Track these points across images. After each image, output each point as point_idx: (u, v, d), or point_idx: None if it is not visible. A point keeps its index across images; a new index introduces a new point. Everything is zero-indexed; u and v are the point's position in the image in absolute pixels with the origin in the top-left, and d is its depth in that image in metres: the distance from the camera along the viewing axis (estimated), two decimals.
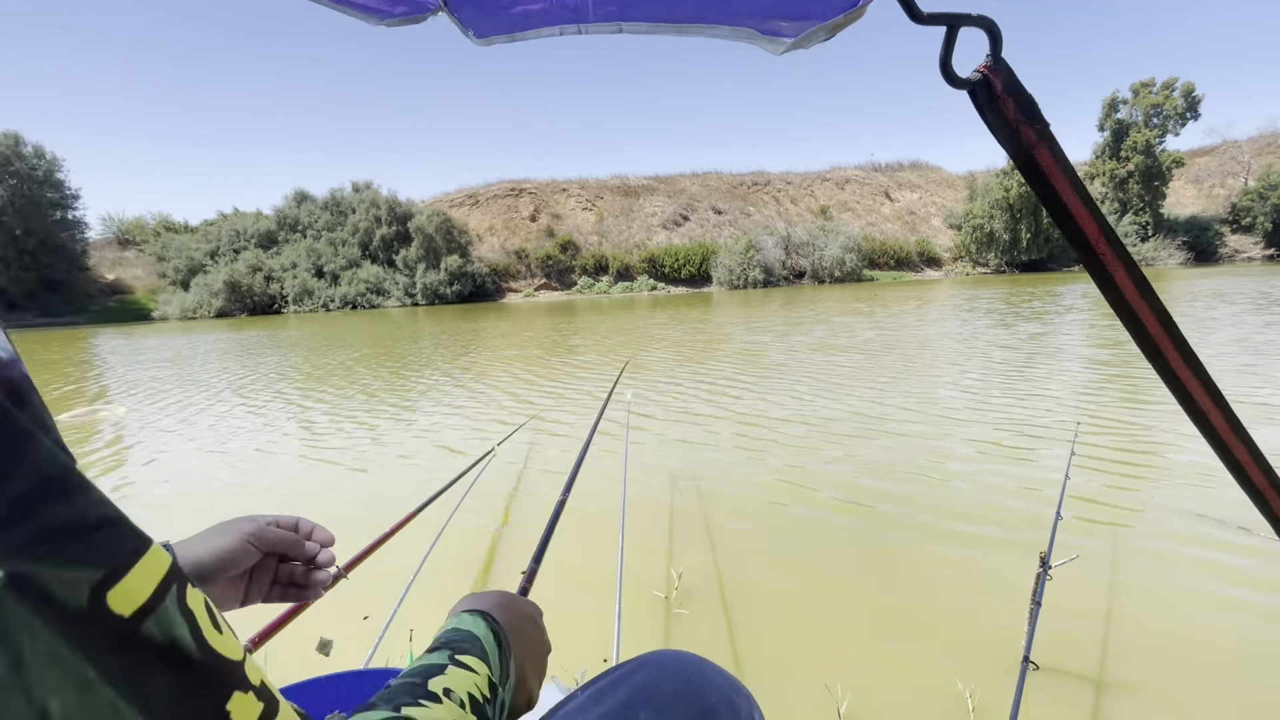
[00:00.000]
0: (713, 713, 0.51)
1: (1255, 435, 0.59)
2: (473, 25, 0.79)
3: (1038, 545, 2.03)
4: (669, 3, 0.71)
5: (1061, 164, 0.55)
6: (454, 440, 4.35)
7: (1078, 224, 0.57)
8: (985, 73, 0.53)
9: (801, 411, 4.59)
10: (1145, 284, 0.59)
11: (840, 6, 0.64)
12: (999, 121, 0.54)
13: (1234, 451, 0.65)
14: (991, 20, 0.53)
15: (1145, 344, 0.61)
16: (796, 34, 0.70)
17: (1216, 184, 46.58)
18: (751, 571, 2.23)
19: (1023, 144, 0.54)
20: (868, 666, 1.67)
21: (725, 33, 0.73)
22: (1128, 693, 1.52)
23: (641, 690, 0.52)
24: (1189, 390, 0.62)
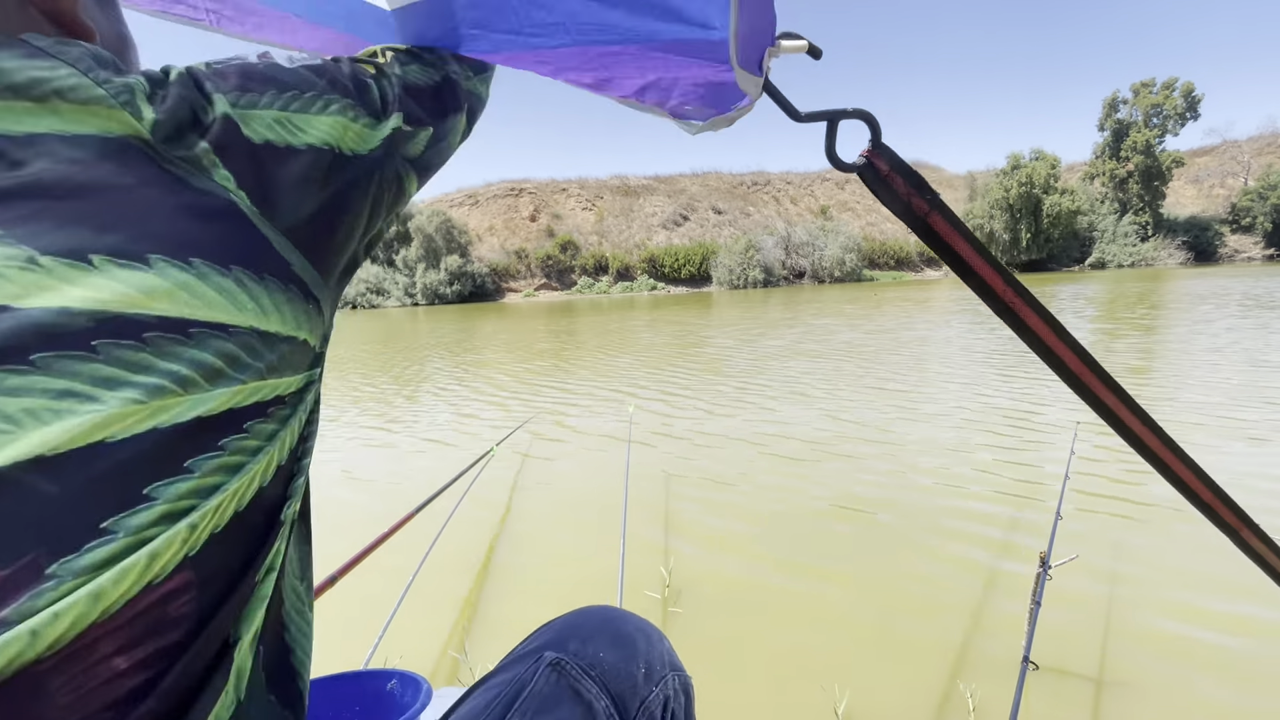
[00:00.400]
0: (629, 637, 0.62)
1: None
2: None
3: (1038, 545, 2.03)
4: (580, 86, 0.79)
5: (955, 225, 0.60)
6: (453, 440, 4.35)
7: (981, 277, 0.62)
8: (869, 158, 0.59)
9: (800, 411, 4.59)
10: (1057, 324, 0.63)
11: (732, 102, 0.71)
12: (890, 196, 0.60)
13: (1175, 469, 0.68)
14: (867, 112, 0.59)
15: (1070, 380, 0.66)
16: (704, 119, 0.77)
17: (1216, 184, 46.60)
18: (748, 571, 2.22)
19: (915, 213, 0.60)
20: (866, 666, 1.67)
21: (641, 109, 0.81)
22: (1128, 693, 1.52)
23: (567, 627, 0.63)
24: (1120, 418, 0.67)
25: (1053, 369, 0.65)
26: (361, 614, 1.96)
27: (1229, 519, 0.70)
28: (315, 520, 0.77)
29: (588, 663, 0.57)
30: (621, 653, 0.60)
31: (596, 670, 0.57)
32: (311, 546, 0.38)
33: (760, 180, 52.77)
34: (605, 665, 0.58)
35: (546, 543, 2.57)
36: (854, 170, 0.60)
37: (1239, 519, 0.70)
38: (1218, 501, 0.69)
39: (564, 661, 0.57)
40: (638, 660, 0.60)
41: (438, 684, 1.62)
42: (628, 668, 0.59)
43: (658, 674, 0.61)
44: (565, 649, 0.59)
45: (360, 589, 1.92)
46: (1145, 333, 8.12)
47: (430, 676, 1.70)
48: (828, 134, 0.59)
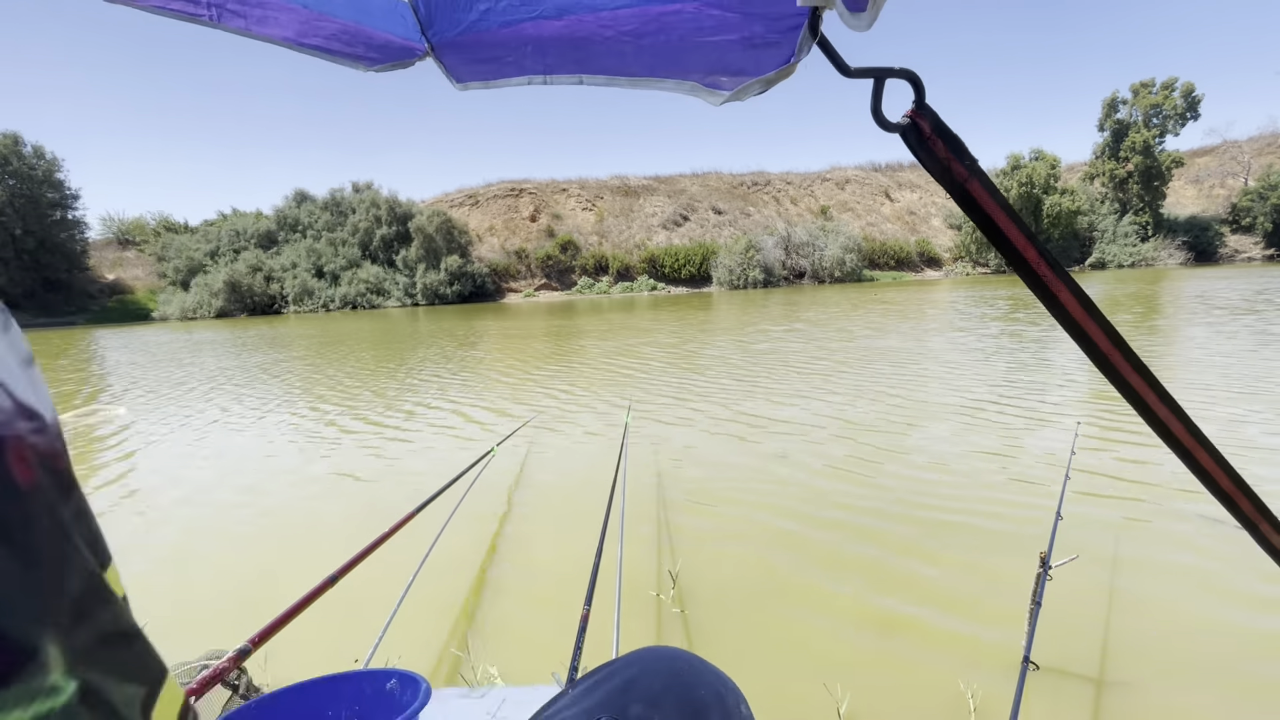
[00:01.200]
0: (703, 706, 0.52)
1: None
2: (454, 71, 0.88)
3: (1038, 545, 2.03)
4: (624, 62, 0.78)
5: (992, 193, 0.60)
6: (452, 440, 4.35)
7: (1016, 248, 0.61)
8: (913, 118, 0.59)
9: (800, 413, 4.59)
10: (1088, 301, 0.62)
11: (773, 64, 0.70)
12: (931, 159, 0.59)
13: (1197, 456, 0.66)
14: (913, 72, 0.58)
15: (1096, 357, 0.64)
16: (734, 87, 0.77)
17: (1216, 184, 46.58)
18: (749, 572, 2.23)
19: (954, 178, 0.59)
20: (868, 666, 1.67)
21: (671, 85, 0.82)
22: (1128, 693, 1.52)
23: (633, 685, 0.53)
24: (1145, 400, 0.64)
25: (1080, 345, 0.63)
26: (361, 614, 1.96)
27: (1247, 510, 0.68)
28: (315, 519, 0.77)
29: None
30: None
31: None
32: None
33: (760, 180, 52.77)
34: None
35: (546, 543, 2.57)
36: (897, 130, 0.59)
37: (1257, 510, 0.69)
38: (1237, 491, 0.68)
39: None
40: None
41: (438, 684, 1.62)
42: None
43: None
44: (626, 714, 0.50)
45: (360, 589, 1.92)
46: (1151, 333, 8.12)
47: (430, 676, 1.70)
48: (874, 92, 0.58)
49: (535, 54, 0.82)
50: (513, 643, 1.87)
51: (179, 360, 11.18)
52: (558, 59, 0.82)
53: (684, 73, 0.79)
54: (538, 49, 0.81)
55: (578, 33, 0.76)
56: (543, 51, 0.81)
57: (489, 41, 0.81)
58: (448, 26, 0.81)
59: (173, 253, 41.44)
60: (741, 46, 0.71)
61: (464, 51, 0.84)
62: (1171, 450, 0.67)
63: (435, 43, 0.83)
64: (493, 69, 0.87)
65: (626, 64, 0.80)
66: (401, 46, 0.83)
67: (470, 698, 1.16)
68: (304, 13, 0.74)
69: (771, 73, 0.71)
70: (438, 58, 0.85)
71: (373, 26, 0.79)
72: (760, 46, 0.70)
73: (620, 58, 0.78)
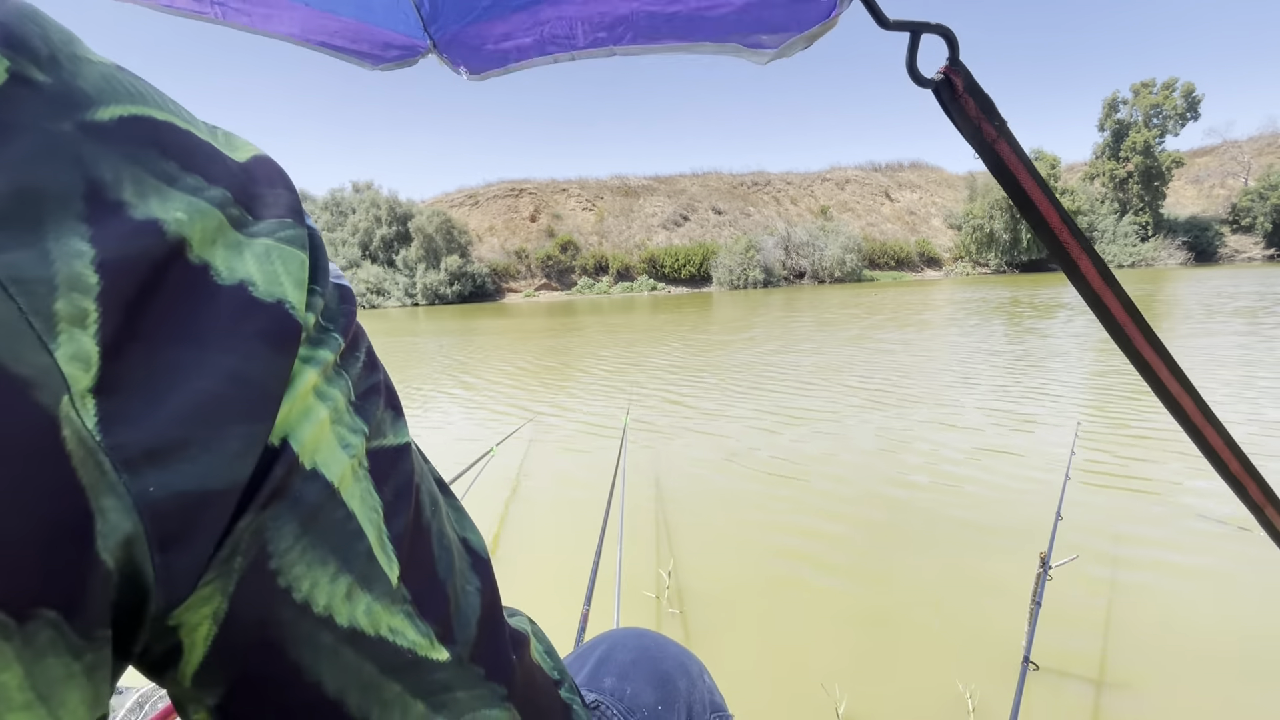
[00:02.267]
0: (668, 675, 0.57)
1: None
2: (464, 63, 0.85)
3: (1038, 545, 2.03)
4: (657, 26, 0.75)
5: (1020, 156, 0.60)
6: (453, 440, 4.35)
7: (1039, 212, 0.61)
8: (947, 74, 0.59)
9: (798, 413, 4.59)
10: (1107, 271, 0.62)
11: (815, 18, 0.69)
12: (962, 118, 0.60)
13: (1206, 435, 0.66)
14: (949, 29, 0.58)
15: (1111, 328, 0.64)
16: (777, 45, 0.75)
17: (1216, 184, 46.58)
18: (746, 572, 2.22)
19: (984, 138, 0.59)
20: (866, 667, 1.67)
21: (711, 49, 0.79)
22: (1128, 693, 1.52)
23: (603, 661, 0.58)
24: (1158, 375, 0.64)
25: (1096, 313, 0.64)
26: None
27: (1256, 495, 0.69)
28: None
29: (626, 707, 0.53)
30: (661, 693, 0.55)
31: (636, 716, 0.53)
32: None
33: (760, 180, 52.77)
34: (645, 710, 0.53)
35: (546, 542, 2.57)
36: (930, 85, 0.60)
37: (1264, 494, 0.69)
38: (1245, 474, 0.68)
39: (602, 705, 0.53)
40: (679, 703, 0.56)
41: None
42: (668, 714, 0.54)
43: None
44: (600, 686, 0.55)
45: None
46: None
47: None
48: (910, 45, 0.58)
49: (557, 32, 0.80)
50: None
51: None
52: (583, 33, 0.80)
53: (723, 34, 0.77)
54: (558, 27, 0.79)
55: (601, 6, 0.74)
56: (566, 28, 0.79)
57: (502, 28, 0.80)
58: (456, 17, 0.80)
59: None
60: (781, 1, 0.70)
61: (474, 41, 0.83)
62: (1181, 428, 0.67)
63: (439, 39, 0.83)
64: (509, 54, 0.85)
65: (658, 31, 0.78)
66: (405, 44, 0.83)
67: None
68: (306, 10, 0.74)
69: (814, 27, 0.70)
70: (442, 53, 0.85)
71: (375, 24, 0.79)
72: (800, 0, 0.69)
73: (650, 25, 0.77)
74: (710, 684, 0.62)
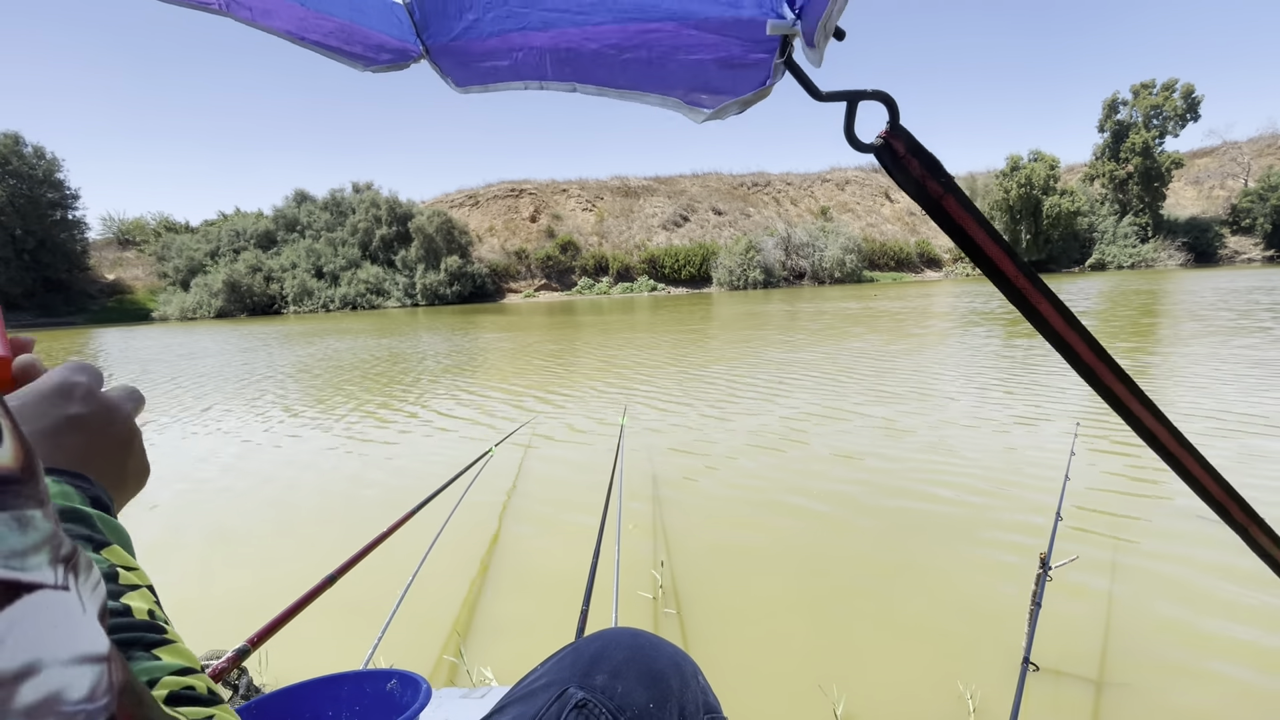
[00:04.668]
0: (661, 674, 0.57)
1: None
2: (452, 74, 0.90)
3: (1038, 546, 2.03)
4: (611, 74, 0.81)
5: (968, 209, 0.61)
6: (453, 441, 4.35)
7: (994, 263, 0.62)
8: (886, 139, 0.60)
9: (797, 413, 4.59)
10: (1069, 313, 0.63)
11: (750, 86, 0.73)
12: (906, 179, 0.61)
13: (1184, 463, 0.67)
14: (887, 94, 0.59)
15: (1080, 368, 0.65)
16: (714, 106, 0.80)
17: (1216, 185, 46.61)
18: (743, 572, 2.22)
19: (930, 195, 0.60)
20: (865, 667, 1.67)
21: (655, 100, 0.85)
22: (1128, 694, 1.52)
23: (597, 658, 0.58)
24: (1130, 410, 0.65)
25: (1063, 355, 0.64)
26: (361, 614, 1.96)
27: (1238, 516, 0.69)
28: (315, 518, 0.77)
29: (616, 705, 0.53)
30: (654, 692, 0.55)
31: (626, 715, 0.53)
32: None
33: (760, 181, 52.80)
34: (636, 709, 0.54)
35: (544, 543, 2.57)
36: (871, 150, 0.60)
37: (1248, 516, 0.69)
38: (1227, 497, 0.68)
39: (590, 703, 0.53)
40: (671, 703, 0.56)
41: (437, 684, 1.62)
42: (660, 714, 0.54)
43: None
44: (591, 684, 0.55)
45: (359, 589, 1.92)
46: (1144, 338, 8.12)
47: (430, 677, 1.70)
48: (847, 114, 0.59)
49: (528, 61, 0.84)
50: (512, 643, 1.86)
51: (174, 358, 11.18)
52: (550, 67, 0.84)
53: (667, 88, 0.82)
54: (529, 57, 0.83)
55: (562, 45, 0.78)
56: (535, 59, 0.83)
57: (481, 49, 0.83)
58: (440, 32, 0.82)
59: (173, 253, 41.47)
60: (719, 66, 0.73)
61: (459, 56, 0.86)
62: (1160, 458, 0.67)
63: (431, 46, 0.84)
64: (490, 74, 0.89)
65: (613, 76, 0.82)
66: (397, 48, 0.84)
67: (470, 698, 1.16)
68: (301, 10, 0.75)
69: (749, 94, 0.73)
70: (433, 61, 0.86)
71: (368, 26, 0.80)
72: (737, 67, 0.72)
73: (607, 70, 0.81)
74: (704, 684, 0.62)
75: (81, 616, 0.19)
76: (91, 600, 0.20)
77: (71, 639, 0.18)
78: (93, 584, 0.20)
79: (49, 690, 0.16)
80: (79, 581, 0.19)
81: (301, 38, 0.79)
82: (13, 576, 0.16)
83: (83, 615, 0.19)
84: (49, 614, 0.17)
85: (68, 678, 0.17)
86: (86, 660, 0.18)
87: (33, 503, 0.18)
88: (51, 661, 0.17)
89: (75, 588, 0.19)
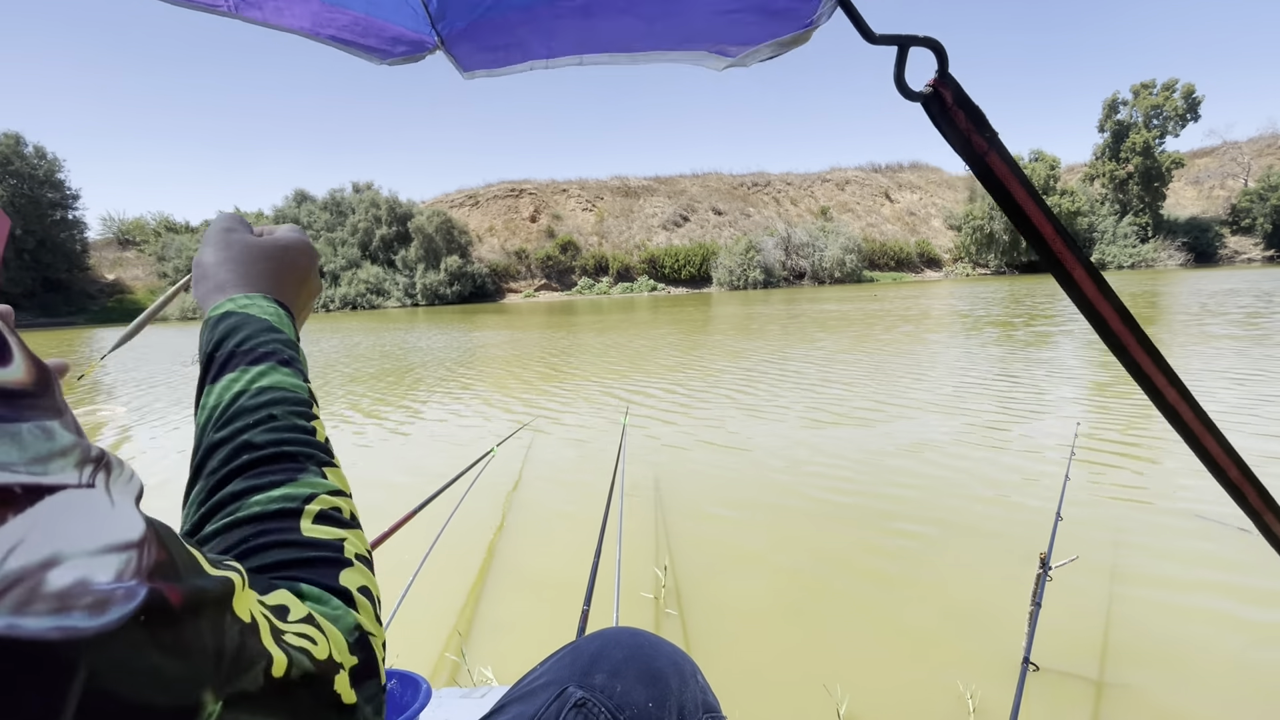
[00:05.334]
0: (661, 674, 0.57)
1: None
2: (463, 61, 0.89)
3: (1038, 546, 2.03)
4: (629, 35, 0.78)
5: (1012, 168, 0.59)
6: (454, 441, 4.35)
7: (1033, 224, 0.61)
8: (936, 87, 0.58)
9: (796, 413, 4.59)
10: (1102, 281, 0.62)
11: (789, 29, 0.69)
12: (952, 130, 0.59)
13: (1204, 443, 0.66)
14: (938, 41, 0.58)
15: (1108, 338, 0.63)
16: (739, 55, 0.76)
17: (1216, 185, 46.62)
18: (744, 573, 2.22)
19: (975, 150, 0.59)
20: (867, 667, 1.67)
21: (676, 57, 0.81)
22: (1128, 694, 1.52)
23: (596, 657, 0.58)
24: (1155, 383, 0.64)
25: (1092, 323, 0.63)
26: None
27: (1253, 500, 0.68)
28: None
29: (615, 705, 0.54)
30: (653, 692, 0.56)
31: (625, 714, 0.53)
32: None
33: (760, 181, 52.79)
34: (635, 708, 0.54)
35: (546, 543, 2.57)
36: (919, 99, 0.59)
37: (1263, 500, 0.68)
38: (1244, 480, 0.67)
39: (590, 702, 0.53)
40: (670, 702, 0.56)
41: (437, 684, 1.62)
42: (659, 713, 0.54)
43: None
44: (591, 683, 0.55)
45: None
46: None
47: (430, 677, 1.70)
48: (897, 59, 0.57)
49: (543, 37, 0.82)
50: (513, 643, 1.86)
51: (167, 358, 11.17)
52: (564, 40, 0.82)
53: (693, 44, 0.78)
54: (547, 31, 0.81)
55: (594, 6, 0.76)
56: (551, 34, 0.81)
57: (500, 26, 0.82)
58: (461, 15, 0.81)
59: (173, 253, 41.47)
60: (759, 16, 0.69)
61: (474, 40, 0.84)
62: (1180, 435, 0.67)
63: (445, 35, 0.84)
64: (500, 56, 0.88)
65: (634, 40, 0.79)
66: (413, 39, 0.84)
67: (471, 698, 1.16)
68: (317, 4, 0.74)
69: (787, 36, 0.70)
70: (448, 50, 0.86)
71: (384, 19, 0.80)
72: (779, 14, 0.69)
73: (629, 33, 0.78)
74: (704, 684, 0.62)
75: (109, 511, 0.21)
76: (123, 494, 0.22)
77: (94, 531, 0.20)
78: (125, 479, 0.23)
79: (75, 577, 0.18)
80: (110, 479, 0.22)
81: (316, 33, 0.78)
82: (34, 481, 0.18)
83: (110, 509, 0.21)
84: (70, 512, 0.19)
85: (93, 566, 0.19)
86: (112, 549, 0.20)
87: (50, 413, 0.21)
88: (75, 553, 0.19)
89: (104, 485, 0.21)
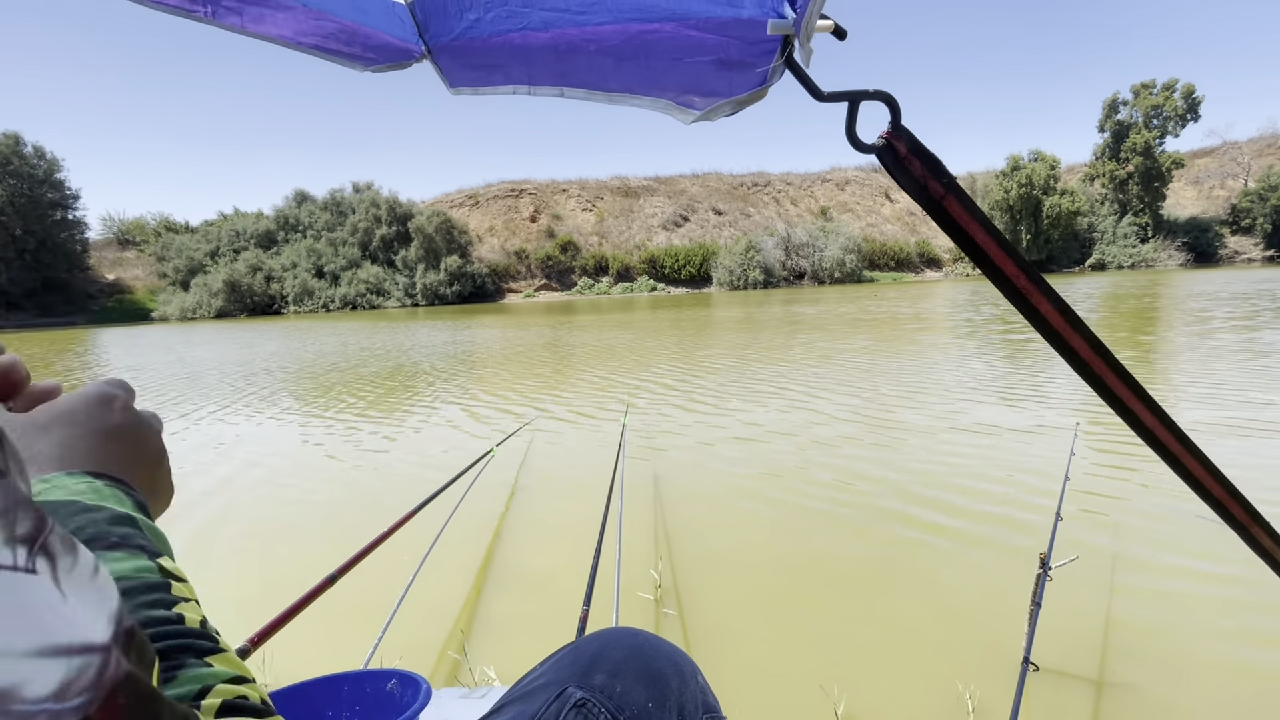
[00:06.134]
0: (660, 674, 0.57)
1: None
2: (448, 75, 0.91)
3: (1038, 546, 2.03)
4: (605, 76, 0.82)
5: (970, 210, 0.60)
6: (454, 441, 4.35)
7: (995, 264, 0.61)
8: (888, 139, 0.59)
9: (795, 414, 4.59)
10: (1070, 312, 0.62)
11: (747, 87, 0.72)
12: (907, 179, 0.60)
13: (1185, 464, 0.66)
14: (889, 94, 0.59)
15: (1080, 368, 0.64)
16: (705, 108, 0.80)
17: (1216, 185, 46.61)
18: (742, 573, 2.22)
19: (931, 196, 0.60)
20: (865, 667, 1.67)
21: (646, 103, 0.85)
22: (1127, 694, 1.52)
23: (596, 658, 0.58)
24: (1131, 409, 0.64)
25: (1064, 356, 0.64)
26: (361, 614, 1.96)
27: (1239, 515, 0.69)
28: (314, 518, 0.77)
29: (615, 705, 0.54)
30: (653, 692, 0.56)
31: (625, 715, 0.53)
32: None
33: (760, 181, 52.80)
34: (635, 708, 0.54)
35: (545, 543, 2.57)
36: (872, 151, 0.60)
37: (1248, 514, 0.69)
38: (1228, 497, 0.68)
39: (590, 703, 0.53)
40: (670, 702, 0.56)
41: (438, 684, 1.62)
42: (659, 713, 0.55)
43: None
44: (590, 684, 0.55)
45: (360, 588, 1.92)
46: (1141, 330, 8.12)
47: (430, 676, 1.70)
48: (848, 114, 0.58)
49: (521, 64, 0.84)
50: (512, 643, 1.86)
51: (165, 357, 11.18)
52: (542, 71, 0.84)
53: (660, 90, 0.82)
54: (524, 59, 0.83)
55: (561, 45, 0.78)
56: (528, 62, 0.83)
57: (479, 49, 0.83)
58: (442, 32, 0.82)
59: (173, 253, 41.49)
60: (716, 67, 0.72)
61: (457, 57, 0.86)
62: (1160, 458, 0.67)
63: (432, 45, 0.84)
64: (482, 76, 0.89)
65: (606, 79, 0.82)
66: (399, 48, 0.84)
67: (470, 698, 1.16)
68: (302, 11, 0.74)
69: (744, 94, 0.73)
70: (434, 60, 0.87)
71: (371, 27, 0.80)
72: (735, 68, 0.71)
73: (600, 73, 0.81)
74: (703, 684, 0.62)
75: (59, 604, 0.17)
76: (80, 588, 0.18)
77: (34, 629, 0.16)
78: (83, 571, 0.19)
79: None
80: (56, 566, 0.17)
81: (298, 42, 0.77)
82: None
83: (61, 603, 0.17)
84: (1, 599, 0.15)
85: (24, 671, 0.15)
86: (58, 652, 0.16)
87: None
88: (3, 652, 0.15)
89: (50, 572, 0.17)
